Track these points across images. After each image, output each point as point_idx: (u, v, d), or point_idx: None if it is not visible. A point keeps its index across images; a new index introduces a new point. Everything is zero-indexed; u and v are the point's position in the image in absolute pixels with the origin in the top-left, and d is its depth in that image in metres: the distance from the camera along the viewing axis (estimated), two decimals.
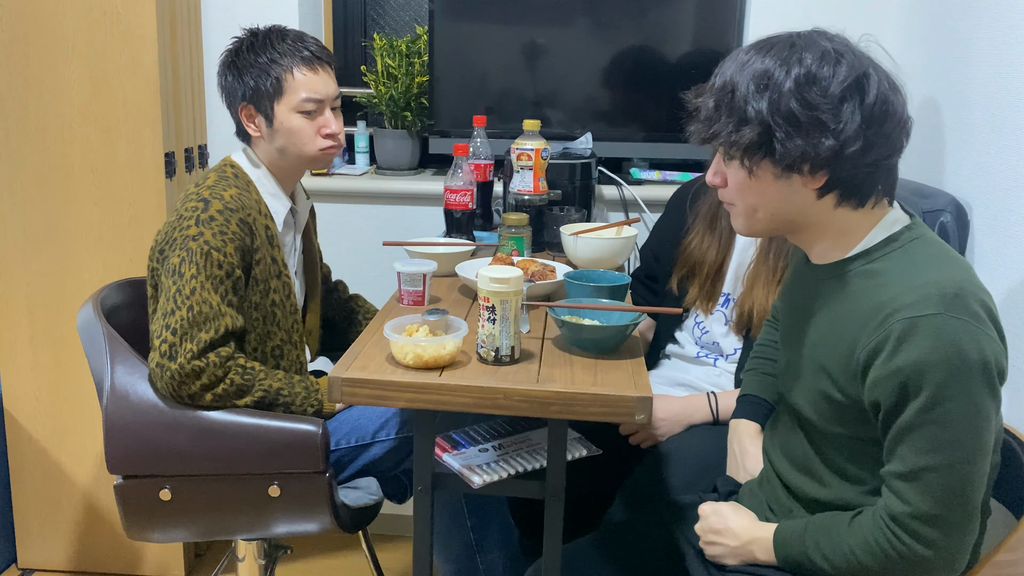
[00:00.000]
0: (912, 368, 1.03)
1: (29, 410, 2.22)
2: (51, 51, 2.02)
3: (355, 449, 1.61)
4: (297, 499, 1.53)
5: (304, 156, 1.61)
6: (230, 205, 1.52)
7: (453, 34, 2.29)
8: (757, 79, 1.07)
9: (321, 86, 1.59)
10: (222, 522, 1.58)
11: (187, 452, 1.50)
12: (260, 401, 1.52)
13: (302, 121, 1.58)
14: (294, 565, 2.36)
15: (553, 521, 1.30)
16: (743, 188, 1.14)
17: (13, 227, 2.12)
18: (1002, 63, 1.55)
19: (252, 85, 1.57)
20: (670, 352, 1.84)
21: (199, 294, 1.46)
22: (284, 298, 1.62)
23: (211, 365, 1.46)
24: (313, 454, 1.50)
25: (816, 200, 1.12)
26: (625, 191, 2.25)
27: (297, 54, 1.57)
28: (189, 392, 1.47)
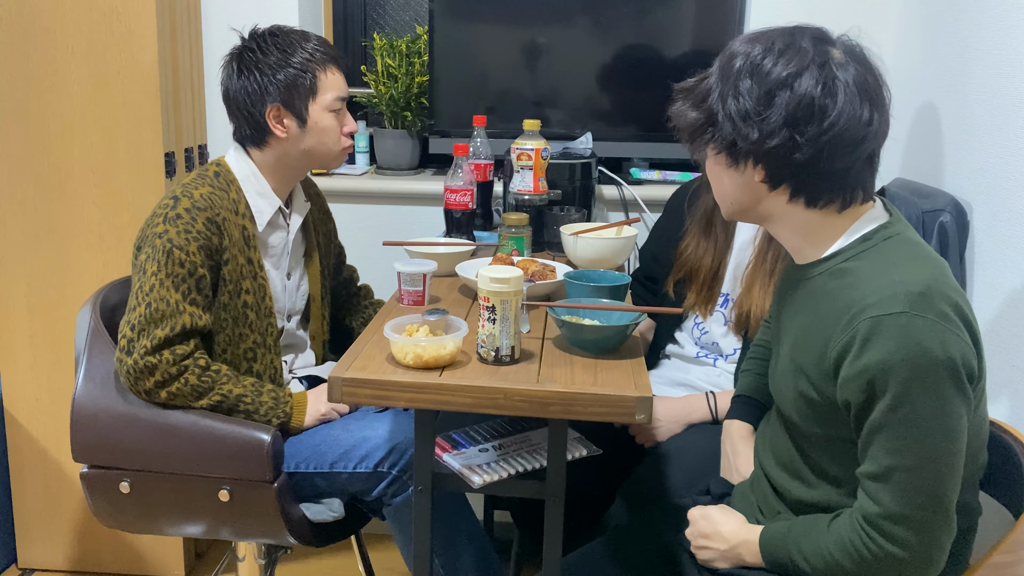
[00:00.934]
0: (877, 367, 1.03)
1: (29, 410, 2.22)
2: (51, 51, 2.02)
3: (312, 476, 1.57)
4: (247, 507, 1.53)
5: (329, 154, 1.64)
6: (198, 204, 1.52)
7: (453, 34, 2.29)
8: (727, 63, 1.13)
9: (344, 86, 1.63)
10: (179, 520, 1.59)
11: (144, 448, 1.52)
12: (218, 405, 1.52)
13: (332, 120, 1.61)
14: (294, 565, 2.36)
15: (553, 521, 1.30)
16: (709, 173, 1.21)
17: (13, 227, 2.12)
18: (1002, 63, 1.55)
19: (285, 84, 1.56)
20: (670, 352, 1.84)
21: (157, 291, 1.47)
22: (258, 300, 1.61)
23: (164, 363, 1.47)
24: (261, 463, 1.49)
25: (769, 193, 1.14)
26: (625, 191, 2.25)
27: (325, 54, 1.60)
28: (145, 388, 1.49)
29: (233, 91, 1.60)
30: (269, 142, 1.61)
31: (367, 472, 1.54)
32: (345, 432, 1.57)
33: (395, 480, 1.53)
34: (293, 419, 1.58)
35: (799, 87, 1.07)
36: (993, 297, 1.52)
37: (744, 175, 1.14)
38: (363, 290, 2.01)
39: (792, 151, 1.08)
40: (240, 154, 1.64)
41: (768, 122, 1.07)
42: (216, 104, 2.31)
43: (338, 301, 1.96)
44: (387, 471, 1.53)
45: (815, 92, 1.06)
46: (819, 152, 1.08)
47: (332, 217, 1.92)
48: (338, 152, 1.65)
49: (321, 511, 1.59)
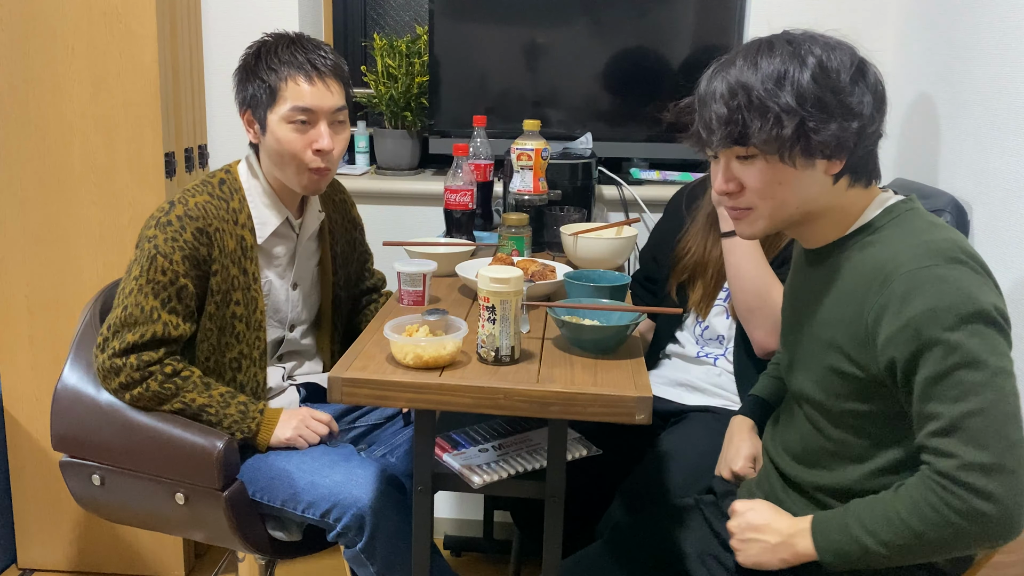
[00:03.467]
0: (923, 317, 1.03)
1: (29, 410, 2.22)
2: (51, 51, 2.02)
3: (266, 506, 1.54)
4: (201, 512, 1.54)
5: (289, 169, 1.54)
6: (191, 212, 1.50)
7: (453, 34, 2.29)
8: (771, 77, 1.10)
9: (315, 98, 1.51)
10: (146, 517, 1.63)
11: (111, 445, 1.56)
12: (180, 412, 1.53)
13: (291, 133, 1.51)
14: (294, 565, 2.35)
15: (553, 521, 1.30)
16: (771, 186, 1.14)
17: (13, 227, 2.12)
18: (1002, 63, 1.55)
19: (251, 91, 1.54)
20: (670, 352, 1.84)
21: (135, 296, 1.49)
22: (249, 312, 1.58)
23: (128, 367, 1.49)
24: (208, 471, 1.50)
25: (832, 185, 1.15)
26: (625, 191, 2.25)
27: (298, 64, 1.51)
28: (111, 387, 1.53)
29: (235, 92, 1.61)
30: (260, 148, 1.59)
31: (314, 519, 1.50)
32: (299, 471, 1.51)
33: (341, 534, 1.47)
34: (259, 435, 1.55)
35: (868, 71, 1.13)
36: None
37: (816, 171, 1.13)
38: (383, 297, 1.95)
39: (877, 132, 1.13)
40: (251, 160, 1.62)
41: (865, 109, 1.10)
42: (216, 104, 2.32)
43: (358, 307, 1.93)
44: (332, 523, 1.48)
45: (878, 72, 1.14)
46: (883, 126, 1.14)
47: (359, 224, 1.88)
48: (296, 168, 1.53)
49: (276, 530, 1.59)
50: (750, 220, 1.19)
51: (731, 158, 1.16)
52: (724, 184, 1.17)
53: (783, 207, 1.16)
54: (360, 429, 1.77)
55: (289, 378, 1.74)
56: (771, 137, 1.09)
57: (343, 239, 1.81)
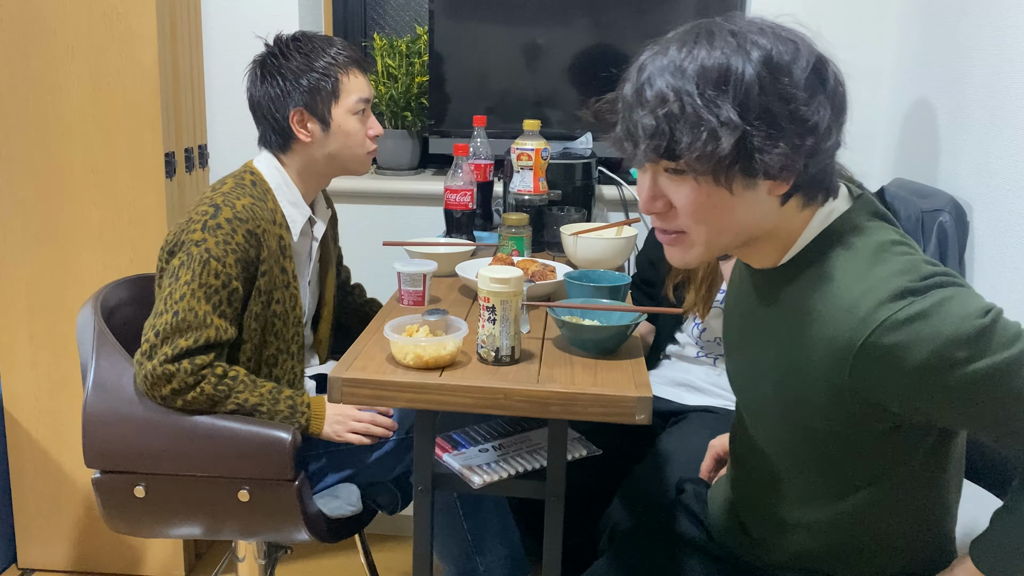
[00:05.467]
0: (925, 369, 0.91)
1: (29, 410, 2.22)
2: (51, 51, 2.02)
3: (341, 454, 1.58)
4: (266, 506, 1.53)
5: (355, 158, 1.63)
6: (240, 215, 1.51)
7: (453, 34, 2.29)
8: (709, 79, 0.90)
9: (368, 88, 1.63)
10: (195, 523, 1.59)
11: (161, 451, 1.51)
12: (233, 412, 1.52)
13: (356, 123, 1.61)
14: (294, 565, 2.36)
15: (553, 521, 1.30)
16: (704, 210, 0.95)
17: (13, 227, 2.12)
18: (1002, 63, 1.55)
19: (308, 88, 1.56)
20: (670, 352, 1.84)
21: (187, 301, 1.47)
22: (289, 309, 1.61)
23: (182, 372, 1.47)
24: (281, 462, 1.50)
25: (779, 207, 0.98)
26: (625, 191, 2.25)
27: (348, 57, 1.60)
28: (160, 395, 1.49)
29: (257, 97, 1.60)
30: (294, 147, 1.61)
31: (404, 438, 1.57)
32: None
33: None
34: (310, 429, 1.57)
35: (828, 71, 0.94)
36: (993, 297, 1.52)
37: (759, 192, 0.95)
38: (357, 289, 2.01)
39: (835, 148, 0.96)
40: (271, 161, 1.63)
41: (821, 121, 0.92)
42: (216, 104, 2.32)
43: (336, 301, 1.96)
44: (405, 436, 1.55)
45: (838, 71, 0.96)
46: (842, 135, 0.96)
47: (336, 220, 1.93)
48: (363, 155, 1.64)
49: (339, 506, 1.60)
50: (683, 246, 1.01)
51: (659, 171, 0.97)
52: (650, 202, 0.98)
53: (720, 234, 0.98)
54: None
55: None
56: (704, 154, 0.90)
57: (332, 235, 1.84)
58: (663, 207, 0.98)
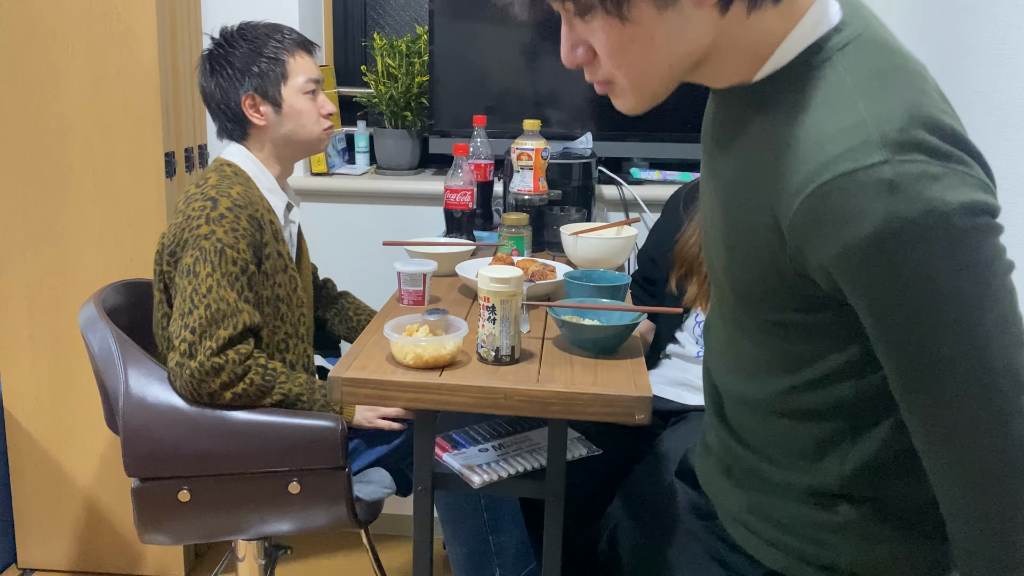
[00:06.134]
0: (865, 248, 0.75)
1: (29, 410, 2.22)
2: (51, 51, 2.02)
3: (372, 437, 1.63)
4: (316, 495, 1.55)
5: (310, 137, 1.66)
6: (238, 202, 1.54)
7: (453, 34, 2.29)
8: None
9: (315, 69, 1.67)
10: (239, 520, 1.59)
11: (207, 453, 1.51)
12: (279, 404, 1.53)
13: (308, 102, 1.64)
14: (294, 565, 2.36)
15: (553, 521, 1.30)
16: (620, 49, 0.82)
17: (13, 227, 2.12)
18: (1003, 63, 1.55)
19: (257, 72, 1.60)
20: (671, 352, 1.84)
21: (216, 292, 1.47)
22: (290, 292, 1.64)
23: (230, 363, 1.47)
24: (333, 450, 1.52)
25: (720, 18, 0.80)
26: (625, 191, 2.25)
27: (293, 40, 1.65)
28: (209, 390, 1.47)
29: (209, 89, 1.64)
30: (252, 134, 1.65)
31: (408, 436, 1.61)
32: None
33: None
34: (344, 416, 1.60)
35: None
36: None
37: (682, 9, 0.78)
38: (328, 283, 2.03)
39: None
40: (242, 151, 1.65)
41: None
42: None
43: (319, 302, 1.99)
44: None
45: None
46: None
47: None
48: (318, 132, 1.67)
49: (374, 490, 1.65)
50: (615, 96, 0.88)
51: (571, 14, 0.85)
52: (570, 52, 0.88)
53: (646, 75, 0.83)
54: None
55: None
56: None
57: None
58: (586, 55, 0.86)
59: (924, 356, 0.77)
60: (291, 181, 2.33)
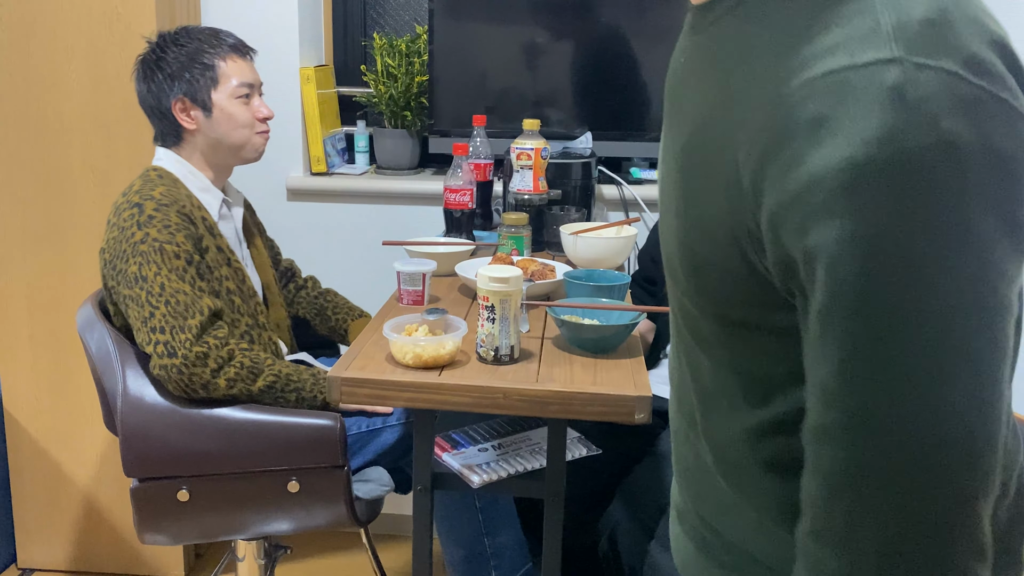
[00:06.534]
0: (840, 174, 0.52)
1: (29, 410, 2.22)
2: (51, 51, 2.02)
3: (366, 435, 1.63)
4: (315, 493, 1.55)
5: (242, 141, 1.66)
6: (163, 201, 1.54)
7: (453, 34, 2.29)
8: None
9: (250, 73, 1.67)
10: (238, 520, 1.59)
11: (205, 452, 1.51)
12: (272, 385, 1.52)
13: (239, 106, 1.64)
14: (294, 565, 2.36)
15: (553, 521, 1.30)
16: None
17: (13, 227, 2.12)
18: None
19: (187, 78, 1.61)
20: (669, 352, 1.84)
21: (169, 288, 1.48)
22: (239, 283, 1.64)
23: (213, 347, 1.47)
24: (332, 448, 1.52)
25: None
26: (625, 191, 2.25)
27: (224, 44, 1.64)
28: (202, 381, 1.47)
29: (142, 94, 1.65)
30: (185, 138, 1.65)
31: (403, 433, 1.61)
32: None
33: None
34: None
35: None
36: None
37: None
38: (310, 281, 2.01)
39: None
40: (170, 155, 1.66)
41: None
42: None
43: (287, 296, 1.97)
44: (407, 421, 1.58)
45: None
46: None
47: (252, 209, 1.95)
48: (251, 136, 1.66)
49: (373, 488, 1.64)
50: None
51: None
52: None
53: None
54: None
55: None
56: None
57: (254, 221, 1.88)
58: None
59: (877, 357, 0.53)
60: (291, 181, 2.33)
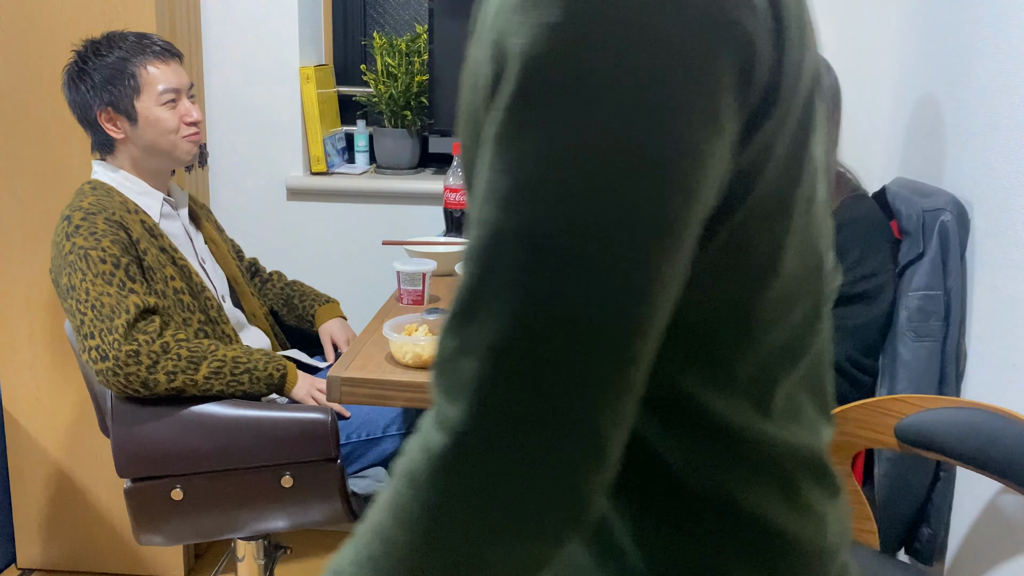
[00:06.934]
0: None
1: (29, 410, 2.22)
2: (51, 51, 2.01)
3: (365, 444, 1.62)
4: (310, 488, 1.55)
5: (170, 144, 1.64)
6: (90, 210, 1.54)
7: (453, 33, 2.29)
8: None
9: (174, 77, 1.64)
10: (234, 517, 1.59)
11: (197, 450, 1.51)
12: (219, 370, 1.51)
13: (165, 112, 1.63)
14: (294, 565, 2.36)
15: None
16: None
17: (13, 227, 2.12)
18: (1003, 61, 1.55)
19: (110, 88, 1.60)
20: None
21: (93, 292, 1.47)
22: (186, 280, 1.64)
23: (144, 343, 1.45)
24: (324, 442, 1.52)
25: None
26: None
27: (145, 50, 1.62)
28: (140, 380, 1.45)
29: (71, 105, 1.65)
30: (117, 146, 1.65)
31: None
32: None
33: None
34: (289, 374, 1.58)
35: None
36: (993, 296, 1.51)
37: None
38: (275, 275, 2.01)
39: None
40: (103, 166, 1.67)
41: None
42: (215, 105, 2.31)
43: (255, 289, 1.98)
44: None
45: None
46: None
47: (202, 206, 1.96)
48: (178, 141, 1.65)
49: (369, 485, 1.63)
50: None
51: None
52: None
53: None
54: None
55: None
56: None
57: (211, 221, 1.88)
58: None
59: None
60: (291, 180, 2.33)
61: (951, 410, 1.34)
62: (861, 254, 1.59)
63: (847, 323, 1.59)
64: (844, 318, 1.59)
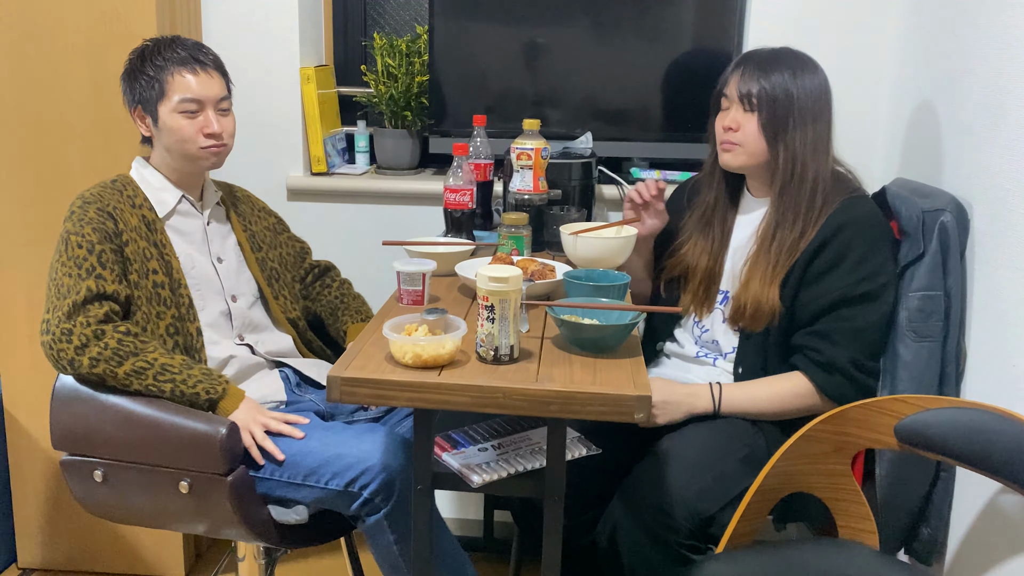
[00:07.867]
0: None
1: (29, 410, 2.22)
2: (51, 51, 2.02)
3: (285, 484, 1.56)
4: (205, 499, 1.53)
5: (187, 153, 1.68)
6: (87, 199, 1.63)
7: (453, 33, 2.29)
8: None
9: (200, 88, 1.66)
10: (144, 512, 1.62)
11: (112, 437, 1.56)
12: (141, 371, 1.52)
13: (182, 121, 1.66)
14: (294, 565, 2.36)
15: (553, 521, 1.30)
16: None
17: (13, 227, 2.12)
18: (1002, 63, 1.55)
19: (139, 89, 1.68)
20: (670, 351, 1.84)
21: (59, 272, 1.56)
22: (168, 276, 1.66)
23: (79, 325, 1.51)
24: (212, 455, 1.50)
25: None
26: (625, 191, 2.25)
27: (178, 59, 1.66)
28: (67, 358, 1.52)
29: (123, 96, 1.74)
30: (153, 142, 1.73)
31: (338, 490, 1.51)
32: (321, 445, 1.55)
33: (367, 502, 1.49)
34: (225, 399, 1.56)
35: None
36: (993, 297, 1.51)
37: None
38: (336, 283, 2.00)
39: None
40: (138, 160, 1.76)
41: None
42: None
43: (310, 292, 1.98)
44: (358, 492, 1.50)
45: None
46: None
47: (276, 215, 1.97)
48: (195, 151, 1.68)
49: (284, 513, 1.58)
50: None
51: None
52: None
53: None
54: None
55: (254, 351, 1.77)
56: None
57: (259, 225, 1.90)
58: None
59: None
60: (291, 180, 2.33)
61: (951, 410, 1.34)
62: (863, 254, 1.59)
63: (850, 324, 1.58)
64: (847, 319, 1.58)
